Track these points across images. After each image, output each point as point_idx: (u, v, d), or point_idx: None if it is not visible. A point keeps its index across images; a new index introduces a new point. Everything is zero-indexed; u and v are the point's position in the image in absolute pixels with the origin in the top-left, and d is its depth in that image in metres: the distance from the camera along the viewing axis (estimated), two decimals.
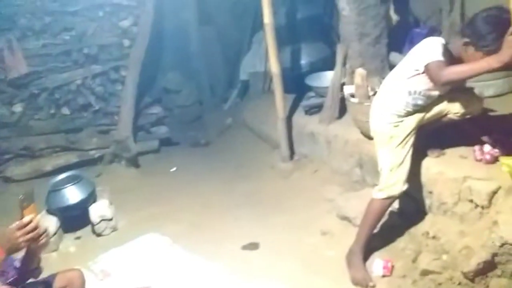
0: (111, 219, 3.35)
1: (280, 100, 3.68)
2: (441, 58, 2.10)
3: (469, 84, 2.54)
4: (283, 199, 3.37)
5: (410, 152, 2.33)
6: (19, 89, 4.40)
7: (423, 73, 2.18)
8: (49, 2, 4.36)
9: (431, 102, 2.33)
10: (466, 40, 2.09)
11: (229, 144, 4.73)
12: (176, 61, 5.53)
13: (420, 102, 2.29)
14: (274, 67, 3.61)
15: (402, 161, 2.30)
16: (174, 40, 5.47)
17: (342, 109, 3.53)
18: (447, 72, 2.06)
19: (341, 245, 2.59)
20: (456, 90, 2.35)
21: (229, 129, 5.07)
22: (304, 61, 4.40)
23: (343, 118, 3.52)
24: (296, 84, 4.12)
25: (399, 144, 2.31)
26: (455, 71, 2.05)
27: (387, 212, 2.47)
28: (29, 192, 1.70)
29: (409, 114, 2.32)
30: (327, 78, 3.83)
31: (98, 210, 3.34)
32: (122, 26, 4.61)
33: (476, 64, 1.99)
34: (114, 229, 3.37)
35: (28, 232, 1.56)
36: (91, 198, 3.42)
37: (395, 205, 2.56)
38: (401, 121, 2.32)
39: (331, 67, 3.77)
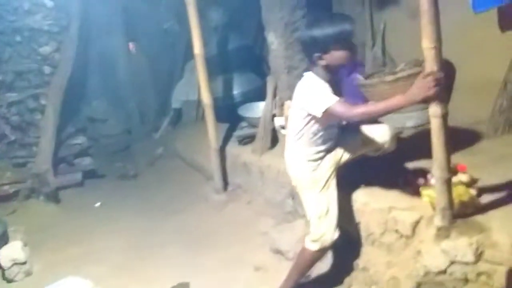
0: (24, 263, 3.04)
1: (212, 130, 3.62)
2: (334, 97, 2.06)
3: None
4: (216, 234, 3.26)
5: (335, 196, 2.28)
6: None
7: (317, 116, 2.09)
8: None
9: (339, 142, 2.32)
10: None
11: (159, 176, 4.56)
12: (103, 89, 5.32)
13: (323, 143, 2.25)
14: (205, 98, 3.56)
15: (328, 208, 2.24)
16: (101, 67, 5.28)
17: (274, 140, 3.54)
18: (356, 112, 2.01)
19: (275, 280, 2.52)
20: (363, 128, 2.37)
21: (160, 159, 4.90)
22: (236, 91, 4.42)
23: (275, 148, 3.52)
24: (229, 114, 4.11)
25: (323, 187, 2.26)
26: (365, 111, 2.01)
27: None
28: None
29: (321, 157, 2.27)
30: (259, 108, 3.84)
31: (9, 253, 3.01)
32: (42, 53, 4.37)
33: (387, 102, 1.97)
34: (28, 273, 3.05)
35: None
36: (1, 240, 3.09)
37: None
38: (318, 164, 2.26)
39: (263, 97, 3.79)
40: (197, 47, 3.43)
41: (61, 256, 3.22)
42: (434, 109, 1.91)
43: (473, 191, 2.19)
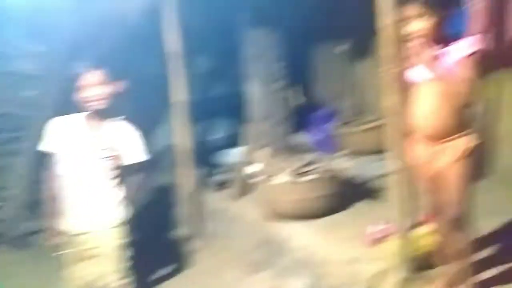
0: None
1: (186, 176, 3.60)
2: None
3: None
4: (184, 284, 3.16)
5: None
6: None
7: None
8: None
9: None
10: None
11: (132, 221, 4.44)
12: None
13: None
14: (182, 143, 3.57)
15: None
16: None
17: (250, 187, 3.53)
18: None
19: None
20: None
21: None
22: (215, 136, 4.45)
23: (250, 195, 3.50)
24: (207, 159, 4.11)
25: None
26: None
27: None
28: None
29: None
30: (236, 154, 3.86)
31: None
32: (24, 96, 4.34)
33: None
34: None
35: None
36: None
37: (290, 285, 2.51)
38: None
39: (240, 144, 3.83)
40: (180, 94, 3.50)
41: None
42: (396, 162, 1.95)
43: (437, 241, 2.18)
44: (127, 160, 2.45)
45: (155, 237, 3.92)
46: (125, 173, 2.51)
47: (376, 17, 1.87)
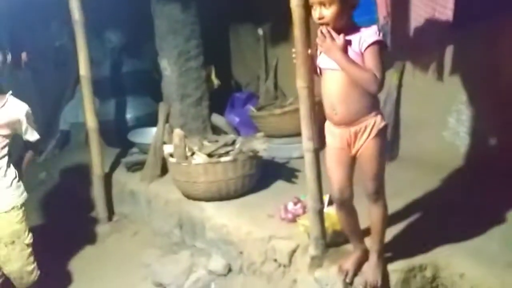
0: None
1: (96, 156, 3.44)
2: None
3: None
4: (96, 267, 3.05)
5: None
6: None
7: None
8: None
9: None
10: None
11: (40, 204, 4.15)
12: None
13: None
14: (90, 121, 3.38)
15: None
16: None
17: (165, 168, 3.45)
18: None
19: None
20: None
21: (43, 185, 4.48)
22: (129, 115, 4.26)
23: (165, 177, 3.43)
24: (121, 139, 3.93)
25: None
26: None
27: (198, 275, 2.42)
28: None
29: None
30: (151, 134, 3.74)
31: None
32: None
33: None
34: None
35: None
36: None
37: (207, 265, 2.54)
38: None
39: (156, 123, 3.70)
40: (83, 69, 3.26)
41: None
42: (307, 144, 2.01)
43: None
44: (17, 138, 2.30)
45: (64, 219, 3.70)
46: (14, 152, 2.37)
47: None
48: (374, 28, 1.76)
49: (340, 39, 1.73)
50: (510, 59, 2.60)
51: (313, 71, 1.94)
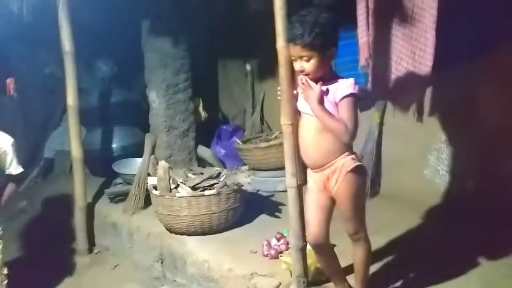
0: None
1: (80, 188, 3.40)
2: None
3: None
4: None
5: None
6: None
7: None
8: None
9: None
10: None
11: (19, 233, 4.05)
12: None
13: None
14: (75, 151, 3.36)
15: None
16: None
17: (148, 200, 3.42)
18: None
19: None
20: None
21: (23, 214, 4.39)
22: (115, 144, 4.26)
23: (148, 209, 3.40)
24: (106, 168, 3.91)
25: None
26: None
27: None
28: None
29: None
30: (136, 165, 3.72)
31: None
32: None
33: None
34: None
35: None
36: None
37: None
38: None
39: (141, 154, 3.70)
40: (71, 99, 3.28)
41: None
42: (290, 180, 2.03)
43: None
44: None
45: (44, 250, 3.62)
46: None
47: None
48: (350, 80, 1.81)
49: (317, 88, 1.79)
50: (488, 100, 2.70)
51: (297, 110, 1.99)
